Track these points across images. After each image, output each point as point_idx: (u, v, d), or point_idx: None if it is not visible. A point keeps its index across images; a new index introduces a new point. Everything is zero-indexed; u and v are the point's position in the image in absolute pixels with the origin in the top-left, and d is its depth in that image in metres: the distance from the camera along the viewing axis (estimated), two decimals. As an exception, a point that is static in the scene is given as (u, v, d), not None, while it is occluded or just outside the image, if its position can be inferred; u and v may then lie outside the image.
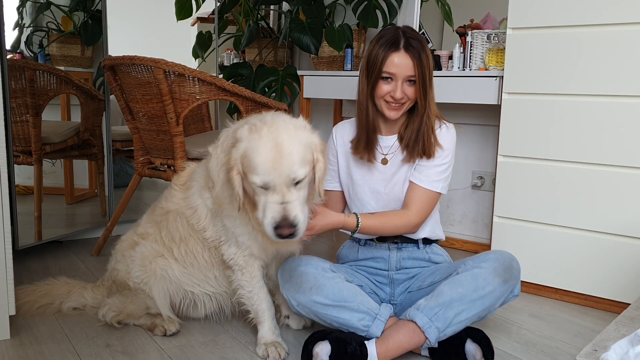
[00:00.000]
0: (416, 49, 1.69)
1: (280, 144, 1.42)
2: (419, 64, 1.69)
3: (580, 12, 2.05)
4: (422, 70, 1.70)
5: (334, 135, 1.91)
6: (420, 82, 1.71)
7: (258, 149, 1.42)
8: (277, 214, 1.41)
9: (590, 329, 1.95)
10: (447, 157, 1.80)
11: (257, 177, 1.42)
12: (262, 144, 1.42)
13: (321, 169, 1.51)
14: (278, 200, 1.42)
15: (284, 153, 1.41)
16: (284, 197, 1.42)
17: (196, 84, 2.20)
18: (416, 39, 1.72)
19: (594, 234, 2.09)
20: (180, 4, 3.10)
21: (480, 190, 2.89)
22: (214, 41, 3.26)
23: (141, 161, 2.51)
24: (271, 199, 1.42)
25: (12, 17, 2.60)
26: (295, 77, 3.08)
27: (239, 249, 1.66)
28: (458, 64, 2.64)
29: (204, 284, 1.80)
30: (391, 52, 1.69)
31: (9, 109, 2.24)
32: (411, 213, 1.77)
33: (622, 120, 1.99)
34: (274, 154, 1.41)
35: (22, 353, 1.66)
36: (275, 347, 1.66)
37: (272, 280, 1.81)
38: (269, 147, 1.42)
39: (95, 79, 2.95)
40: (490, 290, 1.59)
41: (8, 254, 1.70)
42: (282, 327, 1.83)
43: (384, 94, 1.73)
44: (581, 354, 1.28)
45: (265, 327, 1.71)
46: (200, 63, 3.41)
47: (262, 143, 1.42)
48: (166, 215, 1.80)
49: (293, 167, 1.42)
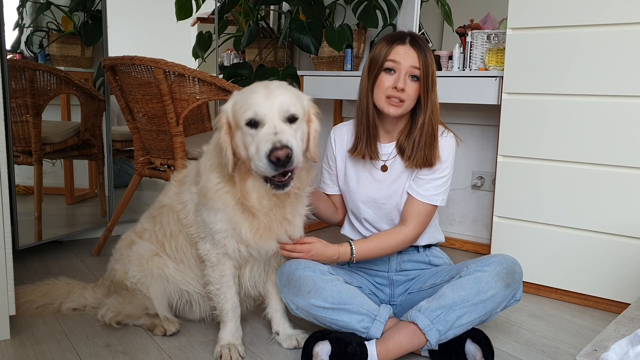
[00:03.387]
0: (422, 46, 1.69)
1: (272, 87, 1.48)
2: (424, 60, 1.67)
3: (579, 12, 2.05)
4: (426, 68, 1.67)
5: (332, 138, 1.89)
6: (424, 79, 1.68)
7: (250, 92, 1.49)
8: (270, 143, 1.38)
9: (590, 329, 1.95)
10: (447, 169, 1.76)
11: (249, 112, 1.44)
12: (253, 88, 1.50)
13: (315, 130, 1.56)
14: (271, 131, 1.41)
15: (275, 93, 1.47)
16: (276, 128, 1.42)
17: (196, 84, 2.20)
18: (422, 40, 1.72)
19: (594, 234, 2.09)
20: (180, 4, 3.10)
21: (480, 191, 2.89)
22: (214, 41, 3.26)
23: (141, 161, 2.51)
24: (263, 131, 1.42)
25: (12, 17, 2.60)
26: (295, 77, 3.08)
27: (214, 247, 1.65)
28: (458, 64, 2.64)
29: (195, 282, 1.79)
30: (397, 44, 1.69)
31: (9, 109, 2.24)
32: (408, 229, 1.75)
33: (622, 120, 2.00)
34: (265, 92, 1.47)
35: (22, 353, 1.66)
36: (230, 348, 1.65)
37: (243, 287, 1.74)
38: (260, 88, 1.49)
39: (95, 79, 2.95)
40: (492, 294, 1.58)
41: (8, 254, 1.70)
42: (273, 342, 1.78)
43: (385, 87, 1.68)
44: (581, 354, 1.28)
45: (226, 328, 1.70)
46: (200, 63, 3.41)
47: (252, 88, 1.51)
48: (161, 209, 1.81)
49: (285, 99, 1.45)
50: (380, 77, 1.70)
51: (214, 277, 1.68)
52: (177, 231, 1.76)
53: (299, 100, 1.50)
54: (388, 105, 1.70)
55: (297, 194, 1.59)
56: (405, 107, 1.71)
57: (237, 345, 1.68)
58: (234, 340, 1.69)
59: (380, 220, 1.83)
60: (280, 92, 1.46)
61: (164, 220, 1.79)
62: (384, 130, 1.80)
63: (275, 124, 1.42)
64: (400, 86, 1.66)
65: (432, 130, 1.72)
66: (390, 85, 1.68)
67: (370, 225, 1.84)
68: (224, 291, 1.69)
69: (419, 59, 1.67)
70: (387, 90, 1.68)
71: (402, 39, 1.69)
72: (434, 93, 1.71)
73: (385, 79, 1.69)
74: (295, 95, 1.51)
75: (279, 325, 1.78)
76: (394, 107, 1.69)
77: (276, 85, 1.49)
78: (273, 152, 1.37)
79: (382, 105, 1.71)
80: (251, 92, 1.48)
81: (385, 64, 1.69)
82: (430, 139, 1.72)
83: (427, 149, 1.72)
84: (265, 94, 1.45)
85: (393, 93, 1.68)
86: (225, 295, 1.69)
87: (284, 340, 1.76)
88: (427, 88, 1.69)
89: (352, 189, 1.84)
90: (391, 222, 1.82)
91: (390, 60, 1.68)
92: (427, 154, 1.72)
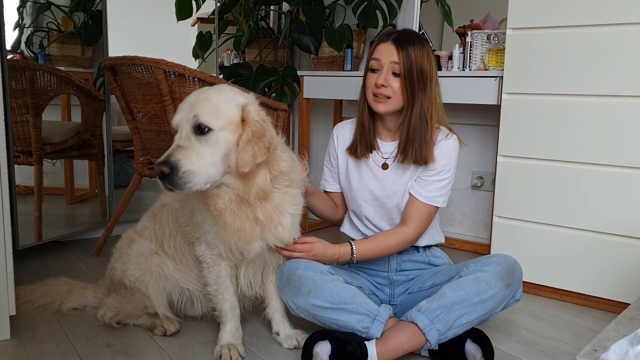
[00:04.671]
0: (404, 42, 1.68)
1: (195, 94, 1.46)
2: (405, 55, 1.66)
3: (579, 12, 2.05)
4: (408, 64, 1.66)
5: (335, 135, 1.89)
6: (407, 75, 1.67)
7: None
8: (164, 154, 1.38)
9: (590, 329, 1.95)
10: (449, 171, 1.76)
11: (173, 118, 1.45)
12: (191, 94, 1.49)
13: (246, 138, 1.42)
14: (175, 142, 1.40)
15: (190, 101, 1.44)
16: (180, 139, 1.40)
17: (196, 84, 2.20)
18: (411, 35, 1.71)
19: (594, 234, 2.09)
20: (180, 4, 3.10)
21: (480, 191, 2.89)
22: (214, 41, 3.26)
23: (141, 161, 2.51)
24: (175, 139, 1.42)
25: (13, 17, 2.61)
26: (295, 77, 3.08)
27: (208, 248, 1.65)
28: (458, 64, 2.64)
29: (195, 281, 1.79)
30: (381, 42, 1.72)
31: (9, 109, 2.23)
32: (409, 230, 1.75)
33: (622, 120, 2.00)
34: (188, 99, 1.45)
35: (22, 353, 1.66)
36: (229, 348, 1.65)
37: (239, 288, 1.73)
38: (191, 94, 1.47)
39: (95, 79, 2.95)
40: (492, 294, 1.59)
41: (8, 254, 1.70)
42: (273, 342, 1.78)
43: (371, 85, 1.71)
44: (581, 354, 1.28)
45: (226, 328, 1.70)
46: (200, 63, 3.41)
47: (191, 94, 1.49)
48: (162, 208, 1.82)
49: (198, 109, 1.40)
50: (367, 76, 1.74)
51: (211, 278, 1.68)
52: (175, 231, 1.76)
53: (218, 109, 1.41)
54: (376, 102, 1.72)
55: (260, 193, 1.51)
56: (394, 104, 1.70)
57: (237, 346, 1.68)
58: (234, 340, 1.69)
59: (381, 218, 1.83)
60: (195, 101, 1.43)
61: (163, 219, 1.80)
62: (385, 129, 1.80)
63: (183, 135, 1.40)
64: (380, 82, 1.68)
65: (424, 127, 1.70)
66: (374, 83, 1.70)
67: (371, 223, 1.84)
68: (221, 292, 1.69)
69: (399, 55, 1.67)
70: (372, 88, 1.71)
71: (387, 36, 1.71)
72: (422, 91, 1.69)
73: (370, 77, 1.72)
74: (217, 103, 1.42)
75: (279, 326, 1.78)
76: (381, 104, 1.71)
77: (200, 92, 1.46)
78: (158, 164, 1.38)
79: (371, 103, 1.73)
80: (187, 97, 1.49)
81: (370, 63, 1.73)
82: (421, 136, 1.70)
83: (418, 146, 1.70)
84: (186, 102, 1.45)
85: (376, 90, 1.70)
86: (223, 296, 1.69)
87: (284, 340, 1.76)
88: (411, 84, 1.68)
89: (353, 186, 1.84)
90: (391, 221, 1.82)
91: (373, 59, 1.72)
92: (418, 152, 1.71)
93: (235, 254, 1.62)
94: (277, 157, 1.54)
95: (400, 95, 1.70)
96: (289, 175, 1.57)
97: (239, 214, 1.51)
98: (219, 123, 1.41)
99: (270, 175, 1.52)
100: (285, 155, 1.57)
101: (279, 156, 1.54)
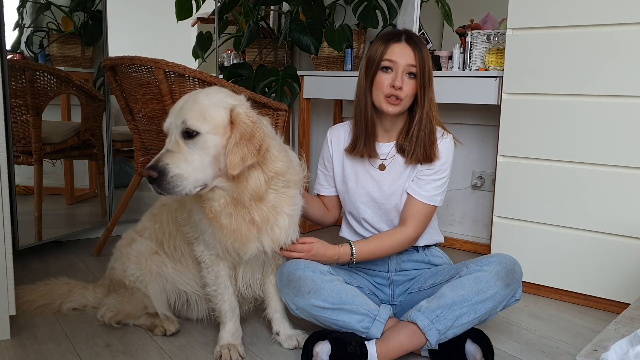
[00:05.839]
0: (417, 44, 1.70)
1: (184, 99, 1.46)
2: (420, 57, 1.68)
3: (579, 12, 2.05)
4: (422, 64, 1.68)
5: (329, 139, 1.89)
6: (420, 76, 1.69)
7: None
8: (154, 159, 1.39)
9: (590, 329, 1.95)
10: (447, 170, 1.78)
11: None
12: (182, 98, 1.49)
13: (234, 141, 1.41)
14: (165, 147, 1.41)
15: (179, 105, 1.45)
16: (170, 144, 1.41)
17: (196, 85, 2.20)
18: (417, 37, 1.73)
19: (595, 234, 2.09)
20: (180, 4, 3.10)
21: (480, 191, 2.89)
22: (214, 41, 3.26)
23: (141, 161, 2.51)
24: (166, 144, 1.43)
25: (12, 17, 2.60)
26: (295, 77, 3.08)
27: (207, 248, 1.65)
28: (458, 64, 2.64)
29: (192, 283, 1.79)
30: (392, 42, 1.70)
31: (9, 109, 2.24)
32: (409, 230, 1.75)
33: (623, 120, 2.00)
34: (178, 103, 1.46)
35: (22, 353, 1.66)
36: (229, 349, 1.65)
37: (238, 288, 1.73)
38: (183, 98, 1.47)
39: (95, 79, 2.95)
40: (492, 293, 1.59)
41: (8, 254, 1.70)
42: (273, 343, 1.78)
43: (383, 86, 1.69)
44: (581, 354, 1.28)
45: (226, 328, 1.70)
46: (200, 63, 3.41)
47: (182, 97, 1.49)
48: (162, 208, 1.82)
49: (185, 113, 1.41)
50: (378, 76, 1.71)
51: (210, 278, 1.69)
52: (175, 231, 1.76)
53: (206, 113, 1.41)
54: (387, 104, 1.71)
55: (254, 195, 1.51)
56: (403, 105, 1.72)
57: (236, 346, 1.68)
58: (234, 340, 1.69)
59: (380, 220, 1.83)
60: (183, 105, 1.44)
61: (163, 219, 1.80)
62: (382, 130, 1.80)
63: (172, 140, 1.41)
64: (398, 84, 1.67)
65: (431, 125, 1.73)
66: (389, 84, 1.69)
67: (370, 225, 1.84)
68: (220, 292, 1.69)
69: (415, 56, 1.68)
70: (385, 89, 1.69)
71: (398, 37, 1.70)
72: (430, 89, 1.72)
73: (383, 78, 1.70)
74: (205, 106, 1.42)
75: (279, 326, 1.78)
76: (392, 106, 1.70)
77: (189, 96, 1.47)
78: (146, 168, 1.40)
79: (381, 104, 1.72)
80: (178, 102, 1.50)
81: (382, 62, 1.70)
82: (428, 134, 1.73)
83: (426, 144, 1.73)
84: (175, 106, 1.46)
85: (391, 91, 1.68)
86: (222, 296, 1.69)
87: (284, 341, 1.75)
88: (423, 84, 1.70)
89: (350, 189, 1.84)
90: (390, 222, 1.82)
91: (386, 59, 1.69)
92: (427, 149, 1.73)
93: (232, 255, 1.62)
94: (272, 157, 1.53)
95: (410, 97, 1.71)
96: (285, 176, 1.57)
97: (235, 215, 1.51)
98: (207, 127, 1.41)
99: (265, 176, 1.51)
100: (281, 155, 1.56)
101: (275, 157, 1.53)
